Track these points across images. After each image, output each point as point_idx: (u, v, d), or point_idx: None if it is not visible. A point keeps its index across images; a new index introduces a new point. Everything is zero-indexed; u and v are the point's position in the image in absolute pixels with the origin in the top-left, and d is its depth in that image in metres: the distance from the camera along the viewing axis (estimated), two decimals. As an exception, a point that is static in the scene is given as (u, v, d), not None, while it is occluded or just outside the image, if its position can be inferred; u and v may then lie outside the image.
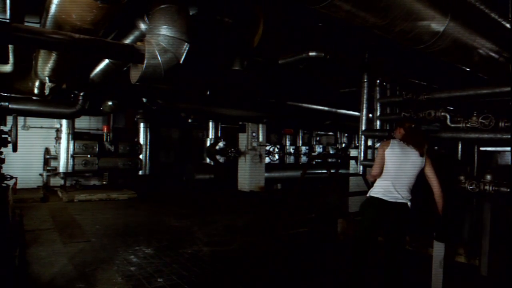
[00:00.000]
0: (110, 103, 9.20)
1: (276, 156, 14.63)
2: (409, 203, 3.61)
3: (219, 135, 13.63)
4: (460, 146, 5.32)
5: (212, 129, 13.61)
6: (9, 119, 6.98)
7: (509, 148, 5.76)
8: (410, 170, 3.61)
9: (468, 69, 5.11)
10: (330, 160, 12.81)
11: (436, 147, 6.12)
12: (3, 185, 5.99)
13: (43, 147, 11.74)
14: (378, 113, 6.58)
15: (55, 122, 11.42)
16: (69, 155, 10.59)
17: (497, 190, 4.54)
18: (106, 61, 5.91)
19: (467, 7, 4.07)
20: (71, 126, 10.68)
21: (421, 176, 3.70)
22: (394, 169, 3.61)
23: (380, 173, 3.70)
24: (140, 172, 12.23)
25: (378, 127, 6.57)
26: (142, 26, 4.29)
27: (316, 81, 10.27)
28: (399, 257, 3.63)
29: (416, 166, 3.62)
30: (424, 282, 4.07)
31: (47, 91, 6.46)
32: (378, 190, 3.66)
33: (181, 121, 12.73)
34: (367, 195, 3.82)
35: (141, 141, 12.50)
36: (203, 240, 6.07)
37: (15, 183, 6.75)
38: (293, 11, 5.96)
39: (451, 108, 6.36)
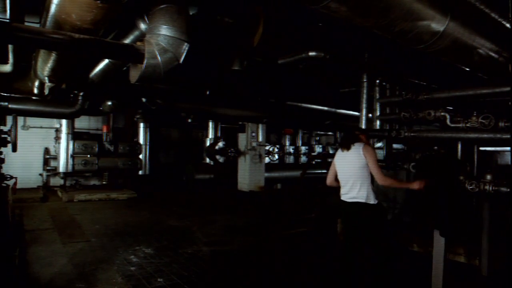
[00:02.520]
0: (109, 103, 9.18)
1: (276, 156, 14.60)
2: (365, 200, 3.56)
3: (219, 135, 13.62)
4: (460, 146, 5.33)
5: (211, 129, 13.60)
6: (9, 119, 6.97)
7: (509, 148, 5.77)
8: (349, 168, 3.71)
9: (468, 69, 5.12)
10: (330, 160, 12.78)
11: (436, 147, 6.13)
12: (3, 185, 6.00)
13: (42, 147, 11.74)
14: (378, 113, 6.59)
15: (54, 122, 11.42)
16: (69, 155, 10.57)
17: (497, 190, 4.54)
18: (106, 61, 5.91)
19: (467, 7, 4.07)
20: (70, 126, 10.67)
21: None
22: (340, 171, 3.84)
23: (330, 181, 3.97)
24: (140, 172, 12.22)
25: (377, 127, 6.58)
26: (142, 26, 4.28)
27: (316, 81, 10.27)
28: (381, 254, 3.60)
29: (354, 163, 3.66)
30: (424, 282, 4.08)
31: (46, 91, 6.47)
32: (340, 193, 3.86)
33: (181, 121, 12.73)
34: None
35: (141, 141, 12.49)
36: (203, 240, 6.07)
37: (15, 183, 6.75)
38: (293, 11, 5.95)
39: (451, 108, 6.36)
